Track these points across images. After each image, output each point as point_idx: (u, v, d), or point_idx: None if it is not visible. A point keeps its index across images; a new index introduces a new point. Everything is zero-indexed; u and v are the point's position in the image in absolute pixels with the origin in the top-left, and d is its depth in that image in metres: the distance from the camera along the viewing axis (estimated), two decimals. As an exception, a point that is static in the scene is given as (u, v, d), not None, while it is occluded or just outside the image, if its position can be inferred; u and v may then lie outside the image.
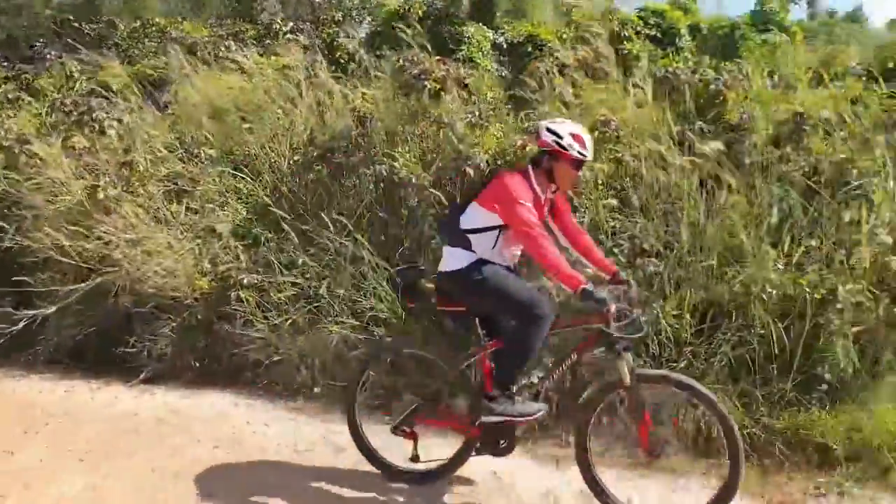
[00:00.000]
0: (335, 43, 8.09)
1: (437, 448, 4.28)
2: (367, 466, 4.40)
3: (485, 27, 8.35)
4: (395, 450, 4.33)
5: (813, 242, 5.01)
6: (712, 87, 5.68)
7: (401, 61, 6.13)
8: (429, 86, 5.69)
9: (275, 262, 5.89)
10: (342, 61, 7.93)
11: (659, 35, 8.07)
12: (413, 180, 5.69)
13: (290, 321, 5.75)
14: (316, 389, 5.63)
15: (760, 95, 5.80)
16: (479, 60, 8.12)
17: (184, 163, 6.84)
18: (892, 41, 7.17)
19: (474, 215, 3.78)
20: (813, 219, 5.21)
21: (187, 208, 6.59)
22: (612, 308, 3.55)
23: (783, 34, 7.58)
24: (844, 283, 4.60)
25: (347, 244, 5.82)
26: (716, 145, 5.06)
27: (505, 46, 8.31)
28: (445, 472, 4.18)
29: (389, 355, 4.76)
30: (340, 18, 8.82)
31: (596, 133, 5.42)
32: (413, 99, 6.02)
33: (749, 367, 4.76)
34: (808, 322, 4.63)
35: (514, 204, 3.56)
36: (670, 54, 7.84)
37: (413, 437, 4.17)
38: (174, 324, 5.99)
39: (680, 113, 5.82)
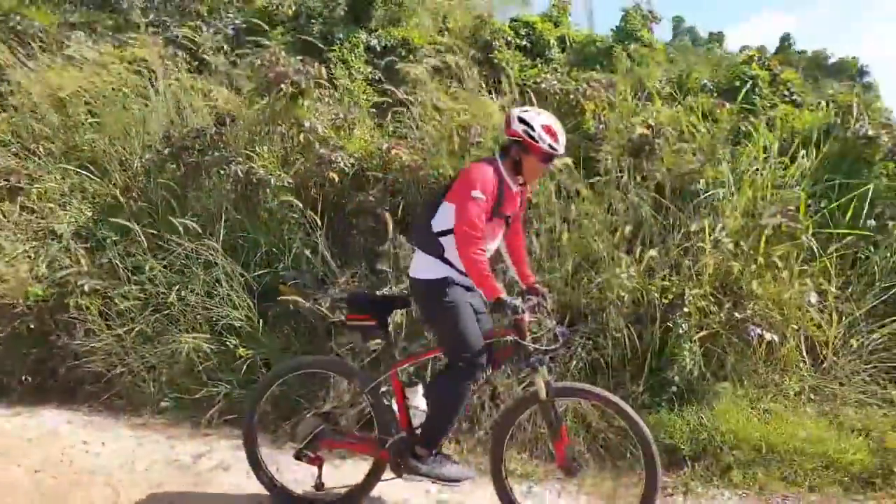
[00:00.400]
0: (197, 38, 7.65)
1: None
2: (217, 485, 4.13)
3: (359, 29, 8.17)
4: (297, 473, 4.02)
5: (660, 250, 5.18)
6: (572, 96, 5.79)
7: (259, 61, 5.86)
8: (285, 89, 5.46)
9: (120, 267, 5.45)
10: (205, 58, 7.51)
11: (529, 46, 8.19)
12: (272, 181, 5.43)
13: (136, 331, 5.35)
14: (163, 404, 5.25)
15: (619, 107, 5.98)
16: (351, 62, 7.94)
17: (19, 158, 6.24)
18: (741, 62, 7.64)
19: (445, 215, 3.41)
20: (663, 227, 5.42)
21: (22, 207, 6.02)
22: (526, 317, 3.36)
23: (646, 49, 7.87)
24: (691, 288, 4.78)
25: (201, 248, 5.47)
26: (561, 161, 5.12)
27: (379, 50, 8.17)
28: (353, 501, 3.82)
29: (288, 374, 4.06)
30: (206, 13, 8.39)
31: (456, 139, 5.39)
32: (272, 100, 5.76)
33: (604, 371, 4.85)
34: (658, 326, 4.77)
35: (466, 198, 3.26)
36: (539, 65, 8.00)
37: (318, 462, 3.79)
38: (2, 334, 5.43)
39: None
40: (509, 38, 8.08)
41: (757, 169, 5.58)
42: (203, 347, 5.14)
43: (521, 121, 3.38)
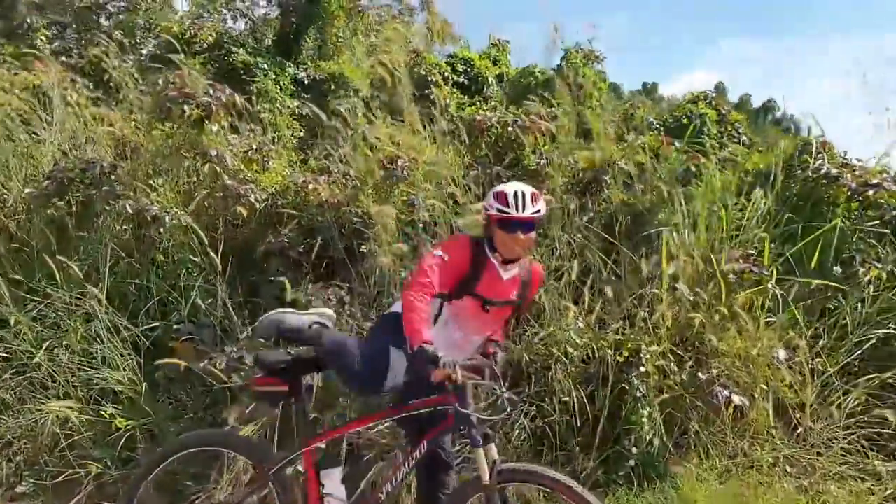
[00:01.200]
0: (104, 64, 6.90)
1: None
2: None
3: (285, 61, 7.56)
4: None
5: (611, 299, 4.59)
6: (510, 128, 5.24)
7: (159, 82, 5.15)
8: (188, 111, 4.73)
9: (-27, 320, 4.55)
10: (111, 85, 6.75)
11: (466, 83, 7.73)
12: (167, 218, 4.66)
13: (-8, 397, 4.43)
14: (19, 489, 4.30)
15: (561, 142, 5.46)
16: (274, 95, 7.29)
17: None
18: (687, 101, 7.30)
19: None
20: (613, 272, 4.86)
21: None
22: (455, 374, 2.64)
23: (590, 84, 7.46)
24: (648, 343, 4.18)
25: (82, 297, 4.63)
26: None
27: (306, 83, 7.56)
28: None
29: (175, 454, 3.24)
30: (120, 37, 7.64)
31: (381, 172, 4.75)
32: (173, 126, 5.03)
33: (551, 440, 4.16)
34: (612, 388, 4.14)
35: (427, 254, 2.96)
36: (478, 102, 7.51)
37: None
38: None
39: (478, 157, 5.33)
40: (446, 74, 7.59)
41: (713, 210, 5.10)
42: (71, 417, 4.23)
43: (486, 199, 3.03)
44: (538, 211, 2.91)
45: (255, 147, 5.24)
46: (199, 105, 4.83)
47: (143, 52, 7.40)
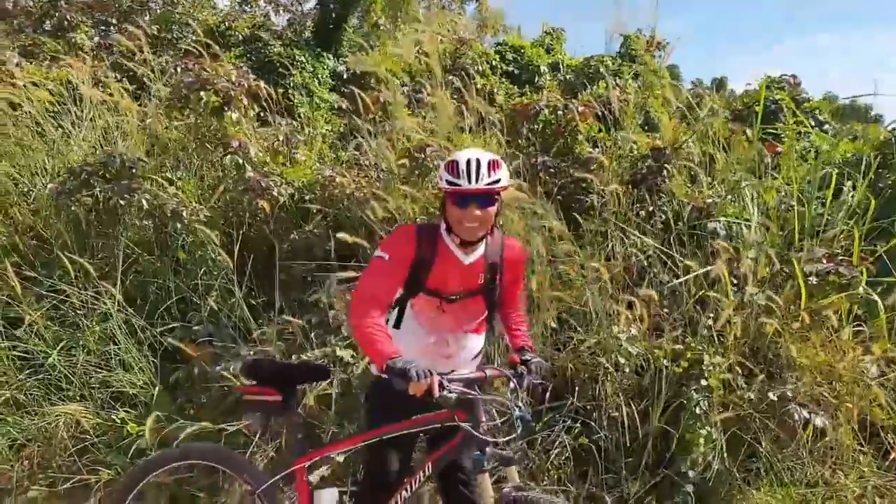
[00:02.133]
0: (136, 60, 6.72)
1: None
2: None
3: (325, 54, 7.25)
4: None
5: (669, 304, 4.06)
6: (560, 112, 4.74)
7: (177, 68, 4.88)
8: (205, 97, 4.42)
9: (-10, 319, 4.34)
10: (146, 79, 6.56)
11: (517, 72, 7.25)
12: (184, 213, 4.36)
13: (6, 399, 4.21)
14: (31, 493, 4.06)
15: (620, 130, 4.94)
16: (313, 89, 6.99)
17: None
18: (759, 85, 6.62)
19: None
20: (672, 273, 4.31)
21: None
22: (432, 383, 2.24)
23: (651, 73, 6.87)
24: (712, 353, 3.62)
25: (98, 297, 4.38)
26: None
27: (345, 77, 7.23)
28: None
29: (158, 469, 2.96)
30: (156, 32, 7.50)
31: (408, 162, 4.33)
32: (193, 115, 4.74)
33: (596, 462, 3.66)
34: (667, 404, 3.61)
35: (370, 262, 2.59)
36: (528, 93, 7.02)
37: None
38: None
39: (522, 146, 4.86)
40: (494, 63, 7.13)
41: (788, 205, 4.50)
42: (82, 422, 3.97)
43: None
44: (496, 181, 2.42)
45: (281, 139, 4.89)
46: (218, 92, 4.51)
47: (181, 46, 7.17)
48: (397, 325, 2.60)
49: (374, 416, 2.62)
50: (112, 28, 8.21)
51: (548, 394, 2.62)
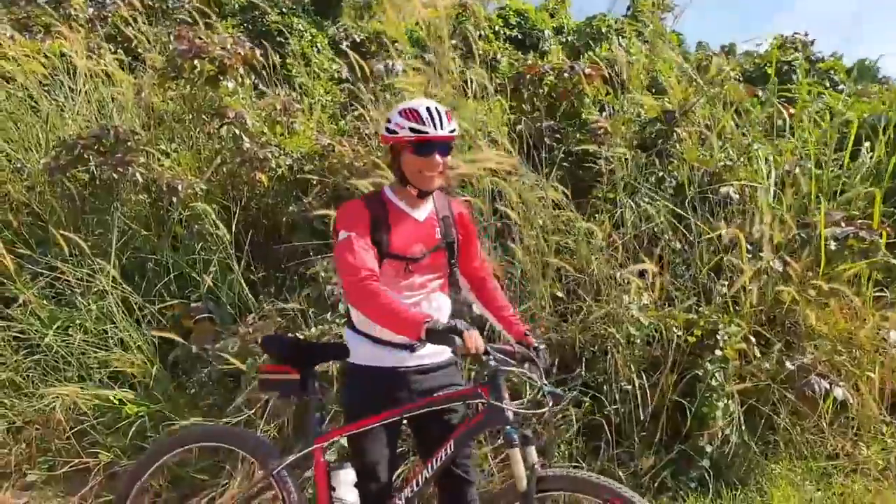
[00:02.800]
0: (130, 30, 6.55)
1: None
2: None
3: (323, 21, 7.05)
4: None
5: (682, 271, 3.93)
6: (567, 75, 4.56)
7: (170, 36, 4.71)
8: (199, 66, 4.26)
9: (-16, 299, 4.26)
10: (140, 50, 6.39)
11: (520, 37, 7.04)
12: (179, 187, 4.22)
13: (2, 380, 4.14)
14: (29, 477, 4.00)
15: (627, 92, 4.75)
16: (312, 57, 6.80)
17: None
18: (773, 46, 6.40)
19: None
20: (684, 240, 4.16)
21: None
22: (473, 343, 2.15)
23: (658, 35, 6.64)
24: (726, 322, 3.49)
25: (94, 274, 4.28)
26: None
27: (345, 45, 7.03)
28: None
29: (168, 454, 2.82)
30: (151, 2, 7.29)
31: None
32: (185, 84, 4.58)
33: (608, 436, 3.55)
34: (682, 375, 3.49)
35: (335, 246, 2.43)
36: (534, 58, 6.81)
37: None
38: None
39: (526, 112, 4.69)
40: (497, 28, 6.91)
41: (804, 167, 4.33)
42: (79, 403, 3.88)
43: (387, 122, 2.48)
44: (454, 129, 2.39)
45: (279, 107, 4.73)
46: (213, 60, 4.35)
47: (177, 17, 6.98)
48: None
49: (358, 407, 2.49)
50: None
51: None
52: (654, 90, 5.40)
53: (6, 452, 4.03)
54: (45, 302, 4.35)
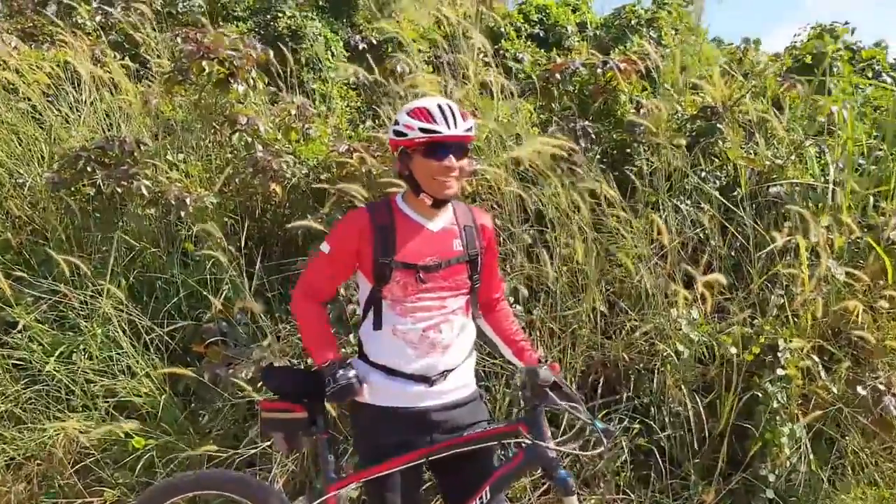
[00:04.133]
0: (138, 36, 6.30)
1: None
2: None
3: (336, 23, 6.79)
4: None
5: (734, 281, 3.60)
6: (599, 71, 4.24)
7: (177, 38, 4.45)
8: (207, 68, 3.99)
9: (-18, 324, 4.00)
10: (147, 56, 6.15)
11: (542, 34, 6.73)
12: (188, 201, 3.95)
13: (4, 412, 3.89)
14: (33, 514, 3.74)
15: (664, 85, 4.42)
16: (327, 62, 6.53)
17: None
18: (812, 36, 6.04)
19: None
20: (735, 247, 3.84)
21: None
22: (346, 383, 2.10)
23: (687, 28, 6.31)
24: (787, 337, 3.15)
25: (98, 296, 4.02)
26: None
27: (361, 48, 6.76)
28: None
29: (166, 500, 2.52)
30: (160, 7, 7.06)
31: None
32: (192, 89, 4.32)
33: (659, 465, 3.23)
34: (739, 397, 3.16)
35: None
36: (558, 54, 6.50)
37: None
38: None
39: (556, 111, 4.38)
40: (519, 25, 6.61)
41: (856, 164, 3.99)
42: (80, 438, 3.60)
43: (394, 124, 2.23)
44: (471, 128, 2.15)
45: (293, 112, 4.46)
46: (222, 61, 4.08)
47: (186, 20, 6.74)
48: (377, 327, 2.20)
49: (372, 452, 2.22)
50: (116, 6, 7.78)
51: None
52: (689, 86, 5.06)
53: (6, 490, 3.77)
54: (46, 327, 4.09)
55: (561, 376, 2.26)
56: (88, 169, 4.34)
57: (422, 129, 2.08)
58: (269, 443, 3.34)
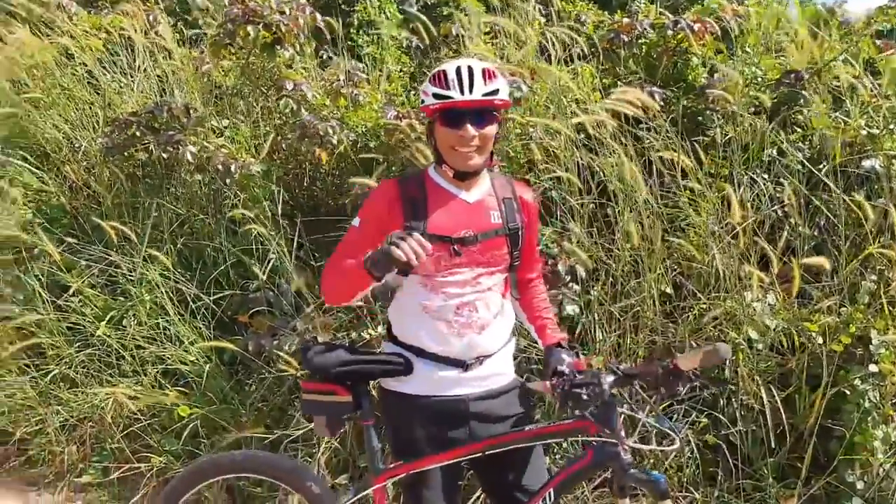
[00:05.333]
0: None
1: None
2: None
3: (392, -17, 6.54)
4: None
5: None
6: (670, 32, 3.90)
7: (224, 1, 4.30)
8: (252, 33, 3.82)
9: (35, 286, 3.99)
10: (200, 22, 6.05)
11: (604, -5, 6.33)
12: (232, 167, 3.83)
13: (52, 375, 3.90)
14: (85, 477, 3.75)
15: (743, 47, 4.05)
16: (381, 26, 6.30)
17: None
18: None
19: None
20: (818, 225, 3.48)
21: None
22: (408, 252, 1.76)
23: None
24: (882, 328, 2.83)
25: (147, 262, 3.97)
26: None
27: (415, 9, 6.50)
28: None
29: (196, 486, 2.40)
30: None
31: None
32: (240, 53, 4.17)
33: (728, 464, 2.97)
34: (823, 392, 2.86)
35: None
36: (621, 15, 6.10)
37: None
38: None
39: (621, 75, 4.07)
40: (579, -15, 6.22)
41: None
42: (128, 404, 3.56)
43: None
44: (494, 91, 1.88)
45: (341, 78, 4.27)
46: (268, 25, 3.91)
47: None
48: (407, 304, 2.04)
49: (408, 446, 2.04)
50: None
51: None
52: (772, 48, 4.65)
53: (60, 451, 3.80)
54: (97, 292, 4.07)
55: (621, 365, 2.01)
56: (138, 134, 4.28)
57: (435, 95, 1.89)
58: (311, 425, 3.21)
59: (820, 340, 2.90)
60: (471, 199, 1.99)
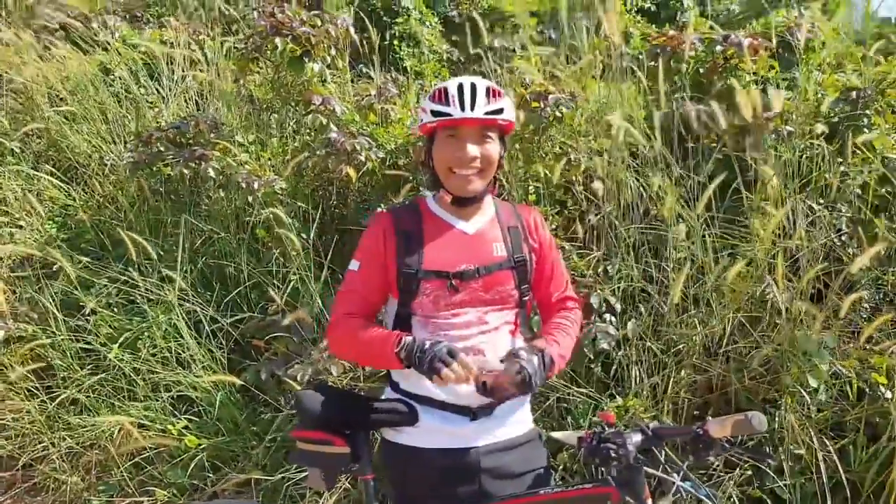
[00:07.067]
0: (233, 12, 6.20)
1: None
2: None
3: (432, -2, 6.45)
4: None
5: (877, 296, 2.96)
6: (719, 48, 3.63)
7: (253, 14, 4.20)
8: (280, 45, 3.69)
9: (49, 305, 3.90)
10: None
11: (654, 8, 6.10)
12: (255, 185, 3.70)
13: (60, 399, 3.79)
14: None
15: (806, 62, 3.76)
16: (422, 38, 6.20)
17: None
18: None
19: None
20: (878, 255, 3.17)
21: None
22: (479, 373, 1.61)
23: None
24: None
25: (164, 282, 3.86)
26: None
27: (457, 21, 6.39)
28: None
29: None
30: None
31: (522, 115, 3.40)
32: (266, 66, 4.06)
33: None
34: (887, 442, 2.56)
35: None
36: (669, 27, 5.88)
37: None
38: None
39: (667, 92, 3.81)
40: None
41: None
42: (134, 433, 3.42)
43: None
44: (498, 111, 1.74)
45: (373, 93, 4.12)
46: (297, 38, 3.78)
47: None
48: None
49: (402, 498, 1.89)
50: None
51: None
52: (839, 65, 4.35)
53: (62, 482, 3.68)
54: (113, 312, 3.97)
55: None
56: (161, 149, 4.20)
57: (433, 112, 1.74)
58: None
59: (882, 383, 2.59)
60: (470, 230, 1.82)
